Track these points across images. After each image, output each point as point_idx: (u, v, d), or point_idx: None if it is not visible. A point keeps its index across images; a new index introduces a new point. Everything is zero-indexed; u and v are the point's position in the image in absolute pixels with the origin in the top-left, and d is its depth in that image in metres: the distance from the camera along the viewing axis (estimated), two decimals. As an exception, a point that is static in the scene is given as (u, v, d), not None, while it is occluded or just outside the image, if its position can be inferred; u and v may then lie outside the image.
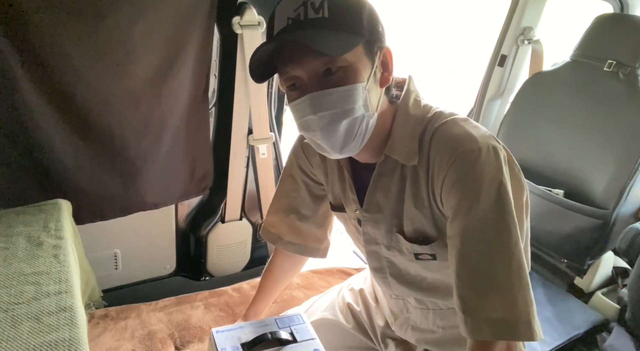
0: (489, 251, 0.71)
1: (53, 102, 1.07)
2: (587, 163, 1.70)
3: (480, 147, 0.72)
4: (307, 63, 0.71)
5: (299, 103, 0.74)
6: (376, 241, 0.91)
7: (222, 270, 1.68)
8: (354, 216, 0.93)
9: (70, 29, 1.02)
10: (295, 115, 0.76)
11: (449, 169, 0.73)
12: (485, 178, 0.71)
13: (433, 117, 0.79)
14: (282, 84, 0.77)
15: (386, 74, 0.78)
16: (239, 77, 1.36)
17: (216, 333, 0.91)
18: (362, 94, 0.73)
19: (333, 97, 0.71)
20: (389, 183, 0.83)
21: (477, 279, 0.72)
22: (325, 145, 0.76)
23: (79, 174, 1.18)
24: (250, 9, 1.26)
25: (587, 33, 1.71)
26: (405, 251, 0.87)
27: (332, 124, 0.73)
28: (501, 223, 0.71)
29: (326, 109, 0.72)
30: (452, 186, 0.74)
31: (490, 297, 0.70)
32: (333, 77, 0.71)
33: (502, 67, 2.08)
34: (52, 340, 0.67)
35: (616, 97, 1.62)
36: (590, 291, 1.79)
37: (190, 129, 1.35)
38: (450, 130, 0.76)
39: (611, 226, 1.64)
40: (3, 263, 0.83)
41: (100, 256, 1.41)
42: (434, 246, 0.82)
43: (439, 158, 0.75)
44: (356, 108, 0.73)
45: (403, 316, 1.02)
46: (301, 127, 0.77)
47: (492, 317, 0.70)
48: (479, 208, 0.71)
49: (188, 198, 1.50)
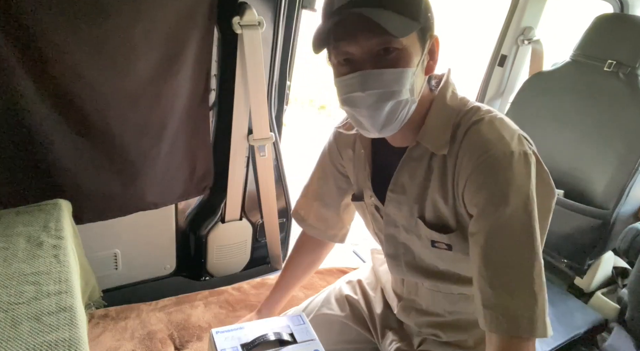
0: (514, 252, 0.74)
1: (53, 102, 1.07)
2: (587, 163, 1.70)
3: (512, 151, 0.74)
4: (365, 40, 0.72)
5: (348, 79, 0.75)
6: (396, 224, 0.93)
7: (222, 270, 1.68)
8: (370, 202, 0.96)
9: (70, 29, 1.02)
10: (342, 90, 0.78)
11: (477, 168, 0.76)
12: (515, 183, 0.73)
13: (470, 111, 0.82)
14: (332, 58, 0.78)
15: (432, 62, 0.81)
16: (239, 77, 1.36)
17: (216, 333, 0.91)
18: (410, 78, 0.75)
19: (384, 77, 0.73)
20: (416, 168, 0.86)
21: (501, 277, 0.74)
22: (367, 123, 0.79)
23: (79, 174, 1.18)
24: (250, 9, 1.26)
25: (587, 33, 1.71)
26: (423, 236, 0.89)
27: (378, 103, 0.75)
28: (526, 227, 0.74)
29: (375, 88, 0.74)
30: (479, 185, 0.76)
31: (514, 295, 0.73)
32: (387, 58, 0.73)
33: (502, 67, 2.08)
34: (52, 340, 0.67)
35: (616, 97, 1.62)
36: (590, 291, 1.79)
37: (190, 129, 1.35)
38: (485, 129, 0.77)
39: (611, 226, 1.65)
40: (3, 263, 0.83)
41: (100, 256, 1.41)
42: (451, 237, 0.85)
43: (468, 155, 0.77)
44: (403, 91, 0.75)
45: (409, 298, 1.03)
46: (345, 102, 0.78)
47: (512, 314, 0.72)
48: (506, 211, 0.73)
49: (188, 198, 1.50)
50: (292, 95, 1.68)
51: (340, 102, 0.80)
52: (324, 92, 5.67)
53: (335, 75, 0.79)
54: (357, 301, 1.15)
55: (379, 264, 1.19)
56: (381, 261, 1.18)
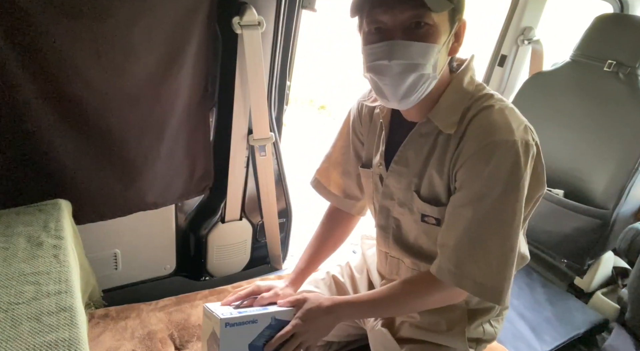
0: (492, 228, 0.82)
1: (53, 103, 1.07)
2: (587, 163, 1.70)
3: (515, 140, 0.79)
4: (400, 11, 0.76)
5: (377, 47, 0.79)
6: (392, 197, 0.98)
7: (222, 270, 1.68)
8: (377, 171, 1.00)
9: (70, 29, 1.02)
10: (369, 58, 0.81)
11: (479, 151, 0.80)
12: (509, 168, 0.79)
13: (483, 97, 0.86)
14: (363, 26, 0.81)
15: (456, 44, 0.85)
16: (238, 77, 1.36)
17: (209, 305, 0.94)
18: (435, 55, 0.79)
19: (412, 49, 0.77)
20: (422, 144, 0.90)
21: (474, 245, 0.83)
22: (388, 91, 0.82)
23: (79, 174, 1.18)
24: (250, 9, 1.26)
25: (587, 33, 1.71)
26: (415, 210, 0.94)
27: (402, 74, 0.79)
28: (509, 210, 0.81)
29: (401, 59, 0.77)
30: (476, 167, 0.81)
31: (480, 262, 0.83)
32: (418, 31, 0.77)
33: (502, 67, 2.08)
34: (52, 340, 0.67)
35: (616, 97, 1.62)
36: (590, 291, 1.79)
37: (190, 129, 1.35)
38: (494, 115, 0.82)
39: (611, 226, 1.65)
40: (3, 263, 0.83)
41: (100, 256, 1.41)
42: (442, 210, 0.90)
43: (472, 137, 0.82)
44: (427, 66, 0.79)
45: (391, 278, 1.08)
46: (370, 69, 0.82)
47: (478, 280, 0.83)
48: (494, 191, 0.80)
49: (188, 198, 1.50)
50: (292, 95, 1.68)
51: (365, 69, 0.83)
52: (324, 92, 5.67)
53: (364, 43, 0.82)
54: (343, 283, 1.18)
55: (367, 248, 1.23)
56: (369, 245, 1.22)
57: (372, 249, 1.20)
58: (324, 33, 5.86)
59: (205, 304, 0.95)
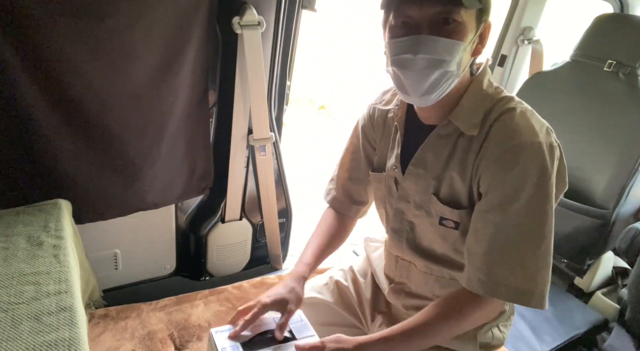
0: (525, 231, 0.80)
1: (52, 102, 1.07)
2: (587, 163, 1.70)
3: (540, 142, 0.79)
4: (429, 6, 0.75)
5: (403, 40, 0.78)
6: (407, 199, 0.96)
7: (222, 270, 1.68)
8: (392, 175, 0.98)
9: (70, 29, 1.02)
10: (394, 51, 0.80)
11: (504, 154, 0.79)
12: (537, 170, 0.78)
13: (504, 99, 0.86)
14: (390, 19, 0.80)
15: (480, 46, 0.84)
16: (238, 77, 1.36)
17: (215, 333, 0.91)
18: (461, 53, 0.78)
19: (438, 45, 0.76)
20: (442, 146, 0.89)
21: (507, 250, 0.80)
22: (410, 86, 0.81)
23: (79, 174, 1.18)
24: (250, 9, 1.26)
25: (587, 33, 1.70)
26: (433, 213, 0.92)
27: (427, 69, 0.78)
28: (541, 211, 0.80)
29: (427, 53, 0.76)
30: (503, 170, 0.80)
31: (514, 267, 0.80)
32: (445, 28, 0.76)
33: (502, 67, 2.08)
34: (52, 339, 0.67)
35: (616, 97, 1.62)
36: (590, 291, 1.79)
37: (190, 129, 1.35)
38: (516, 118, 0.82)
39: (611, 226, 1.64)
40: (3, 263, 0.83)
41: (100, 256, 1.41)
42: (462, 213, 0.88)
43: (496, 140, 0.81)
44: (452, 63, 0.78)
45: (400, 281, 1.06)
46: (394, 63, 0.80)
47: (512, 284, 0.80)
48: (523, 194, 0.79)
49: (188, 198, 1.50)
50: (292, 95, 1.68)
51: (389, 63, 0.82)
52: (324, 92, 5.67)
53: (389, 36, 0.81)
54: (346, 287, 1.17)
55: (372, 251, 1.21)
56: (374, 248, 1.21)
57: (377, 252, 1.18)
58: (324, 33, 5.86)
59: (212, 329, 0.91)
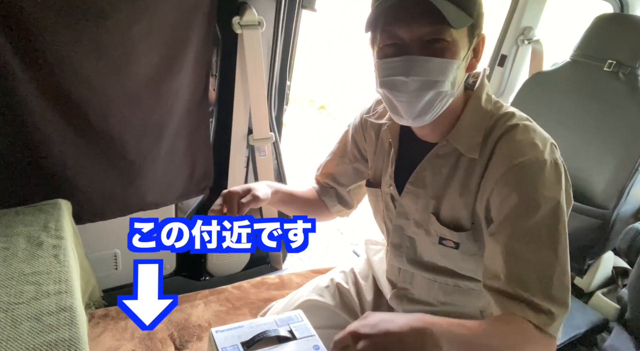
0: (540, 253, 0.73)
1: (53, 103, 1.07)
2: (587, 163, 1.70)
3: (545, 159, 0.76)
4: (417, 27, 0.73)
5: (394, 61, 0.75)
6: (407, 216, 0.94)
7: (222, 270, 1.68)
8: (387, 192, 0.96)
9: (70, 29, 1.02)
10: (383, 72, 0.77)
11: (508, 174, 0.76)
12: (546, 190, 0.74)
13: (505, 115, 0.82)
14: (377, 41, 0.78)
15: (474, 60, 0.82)
16: (239, 77, 1.36)
17: (215, 332, 0.91)
18: (454, 71, 0.75)
19: (430, 65, 0.73)
20: (441, 166, 0.86)
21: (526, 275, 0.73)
22: (403, 109, 0.78)
23: (79, 174, 1.18)
24: (250, 9, 1.26)
25: (587, 33, 1.70)
26: (432, 232, 0.89)
27: (419, 91, 0.75)
28: (553, 233, 0.74)
29: (420, 75, 0.74)
30: (510, 190, 0.75)
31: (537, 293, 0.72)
32: (435, 47, 0.73)
33: (502, 67, 2.08)
34: (52, 340, 0.67)
35: (616, 97, 1.62)
36: (590, 291, 1.79)
37: (190, 129, 1.35)
38: (519, 136, 0.78)
39: (611, 226, 1.64)
40: (3, 263, 0.83)
41: (100, 256, 1.41)
42: (462, 236, 0.85)
43: (501, 159, 0.78)
44: (445, 83, 0.75)
45: (403, 287, 1.04)
46: (385, 85, 0.78)
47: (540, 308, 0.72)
48: (535, 217, 0.73)
49: (188, 198, 1.50)
50: (292, 95, 1.67)
51: (379, 84, 0.80)
52: (324, 92, 5.67)
53: (378, 56, 0.79)
54: (347, 290, 1.16)
55: (373, 254, 1.20)
56: (375, 251, 1.19)
57: (378, 256, 1.17)
58: (324, 33, 5.86)
59: (212, 329, 0.90)
